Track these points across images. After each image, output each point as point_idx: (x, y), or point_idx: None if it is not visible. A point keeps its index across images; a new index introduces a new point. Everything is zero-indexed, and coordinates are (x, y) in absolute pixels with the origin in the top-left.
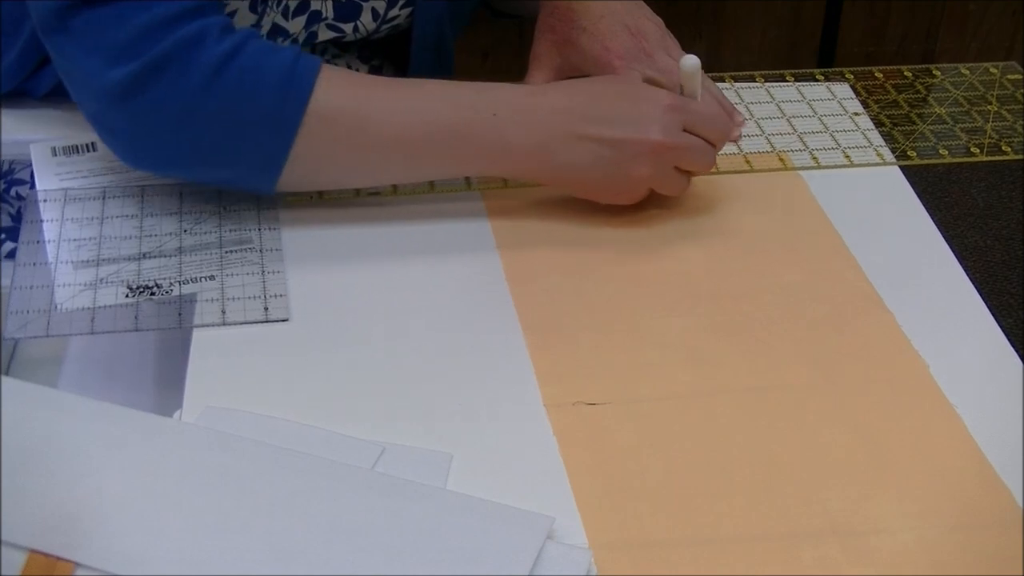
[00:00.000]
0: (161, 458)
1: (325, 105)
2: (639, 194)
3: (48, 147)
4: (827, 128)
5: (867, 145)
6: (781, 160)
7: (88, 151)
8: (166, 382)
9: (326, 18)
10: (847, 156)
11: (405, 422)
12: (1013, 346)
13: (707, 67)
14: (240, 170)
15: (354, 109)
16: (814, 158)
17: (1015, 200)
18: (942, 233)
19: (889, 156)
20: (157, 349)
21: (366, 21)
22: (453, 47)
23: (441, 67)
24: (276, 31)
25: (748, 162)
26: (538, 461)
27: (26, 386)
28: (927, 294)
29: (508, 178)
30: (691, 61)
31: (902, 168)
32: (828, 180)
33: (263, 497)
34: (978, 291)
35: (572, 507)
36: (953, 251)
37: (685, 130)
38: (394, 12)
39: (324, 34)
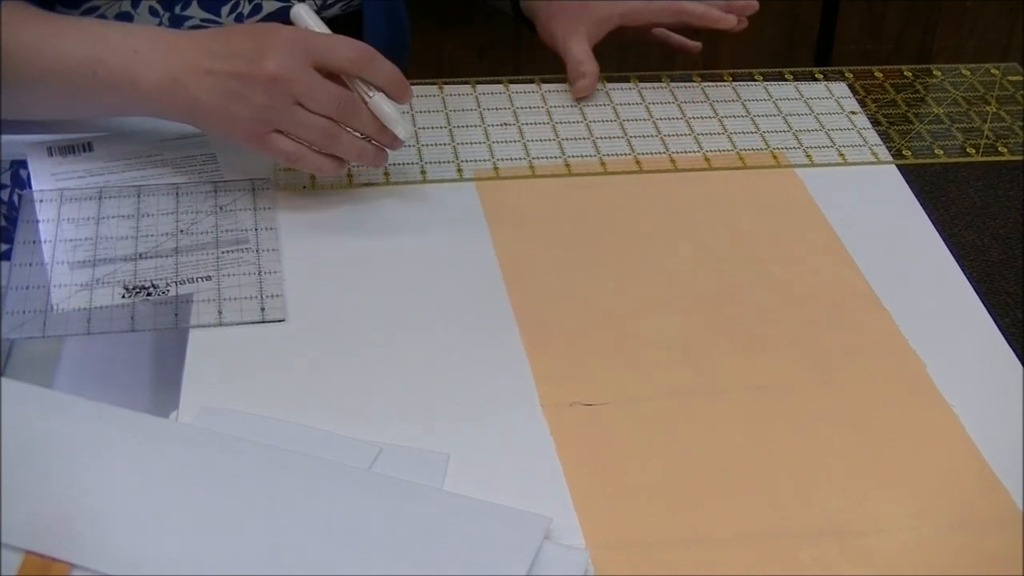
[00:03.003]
0: (158, 459)
1: None
2: (263, 130)
3: (44, 147)
4: (823, 126)
5: (862, 144)
6: (774, 158)
7: (84, 151)
8: (162, 383)
9: None
10: (842, 154)
11: (402, 422)
12: (1010, 345)
13: (704, 64)
14: None
15: (7, 44)
16: (808, 156)
17: (1012, 199)
18: (939, 232)
19: (884, 155)
20: (153, 350)
21: None
22: (408, 23)
23: (396, 43)
24: None
25: (741, 159)
26: (535, 461)
27: (22, 387)
28: (924, 293)
29: (154, 116)
30: (296, 8)
31: (900, 167)
32: (824, 178)
33: (260, 498)
34: (975, 290)
35: (569, 507)
36: (950, 250)
37: (318, 69)
38: None
39: (270, 5)
